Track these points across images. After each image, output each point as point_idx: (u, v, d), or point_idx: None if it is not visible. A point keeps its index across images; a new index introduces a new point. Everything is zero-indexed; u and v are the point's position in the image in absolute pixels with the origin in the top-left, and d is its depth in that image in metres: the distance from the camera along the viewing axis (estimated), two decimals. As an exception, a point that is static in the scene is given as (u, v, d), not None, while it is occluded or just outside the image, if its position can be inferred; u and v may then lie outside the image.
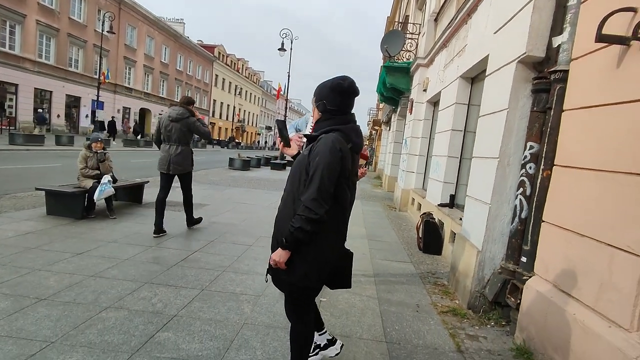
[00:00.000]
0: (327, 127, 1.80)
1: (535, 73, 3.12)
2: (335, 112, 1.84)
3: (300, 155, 1.87)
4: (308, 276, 1.76)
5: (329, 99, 1.84)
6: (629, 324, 1.91)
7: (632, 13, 2.08)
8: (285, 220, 1.77)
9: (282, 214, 1.83)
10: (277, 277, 1.84)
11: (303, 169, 1.75)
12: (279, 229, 1.82)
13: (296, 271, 1.75)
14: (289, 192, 1.81)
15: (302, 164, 1.76)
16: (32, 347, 2.21)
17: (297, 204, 1.72)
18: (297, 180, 1.77)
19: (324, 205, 1.65)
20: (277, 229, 1.85)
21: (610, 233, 2.09)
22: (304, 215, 1.64)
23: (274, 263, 1.74)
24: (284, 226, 1.75)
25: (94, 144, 5.61)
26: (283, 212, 1.82)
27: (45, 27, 24.11)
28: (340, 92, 1.83)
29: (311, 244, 1.70)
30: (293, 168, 1.85)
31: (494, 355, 2.67)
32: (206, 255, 4.24)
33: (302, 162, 1.77)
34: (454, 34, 6.33)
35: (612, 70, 2.21)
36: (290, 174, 1.84)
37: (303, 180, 1.74)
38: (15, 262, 3.47)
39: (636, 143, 1.98)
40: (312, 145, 1.78)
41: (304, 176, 1.73)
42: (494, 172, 3.28)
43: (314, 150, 1.73)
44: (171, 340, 2.43)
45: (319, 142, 1.73)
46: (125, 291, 3.09)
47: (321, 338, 2.28)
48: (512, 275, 3.10)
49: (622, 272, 1.97)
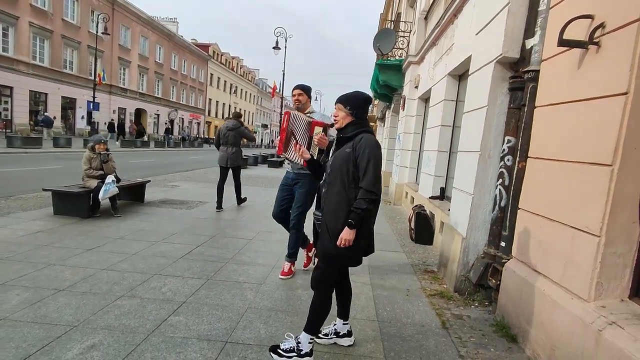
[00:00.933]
0: (359, 129, 2.28)
1: (511, 72, 3.38)
2: (362, 118, 2.34)
3: (341, 153, 2.25)
4: (362, 245, 2.23)
5: (363, 109, 2.33)
6: (587, 295, 2.17)
7: (589, 20, 2.33)
8: (341, 205, 2.18)
9: (336, 201, 2.21)
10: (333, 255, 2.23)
11: (350, 163, 2.19)
12: (335, 214, 2.20)
13: (358, 244, 2.19)
14: (338, 184, 2.21)
15: (348, 159, 2.20)
16: (57, 330, 2.45)
17: (350, 191, 2.18)
18: (345, 173, 2.19)
19: (379, 187, 2.17)
20: (333, 215, 2.21)
21: (572, 216, 2.36)
22: (367, 198, 2.11)
23: (346, 242, 2.12)
24: (341, 211, 2.17)
25: (97, 145, 5.82)
26: (338, 200, 2.20)
27: (39, 28, 24.13)
28: (369, 103, 2.40)
29: (367, 220, 2.20)
30: (336, 164, 2.24)
31: (476, 330, 2.94)
32: (209, 249, 4.48)
33: (347, 158, 2.20)
34: (442, 33, 6.57)
35: (574, 71, 2.46)
36: (334, 169, 2.25)
37: (351, 172, 2.18)
38: (30, 258, 3.70)
39: (593, 136, 2.24)
40: (352, 143, 2.23)
41: (352, 168, 2.18)
42: (476, 164, 3.54)
43: (357, 147, 2.20)
44: (182, 322, 2.68)
45: (363, 140, 2.21)
46: (136, 282, 3.34)
47: (343, 327, 2.55)
48: (493, 259, 3.37)
49: (582, 250, 2.24)
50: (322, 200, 2.35)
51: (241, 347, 2.43)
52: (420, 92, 8.46)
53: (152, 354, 2.27)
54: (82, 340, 2.35)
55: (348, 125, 2.32)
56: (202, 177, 11.96)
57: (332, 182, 2.25)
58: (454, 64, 5.56)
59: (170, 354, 2.28)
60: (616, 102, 2.07)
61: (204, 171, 14.13)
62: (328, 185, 2.28)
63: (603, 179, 2.11)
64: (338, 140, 2.37)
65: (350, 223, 2.12)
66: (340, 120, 2.33)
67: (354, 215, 2.12)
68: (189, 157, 22.86)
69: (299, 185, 3.75)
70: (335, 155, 2.31)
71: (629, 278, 2.13)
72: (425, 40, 7.99)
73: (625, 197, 2.06)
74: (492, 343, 2.76)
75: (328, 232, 2.22)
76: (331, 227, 2.21)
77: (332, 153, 2.40)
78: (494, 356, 2.58)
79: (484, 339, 2.82)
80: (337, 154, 2.29)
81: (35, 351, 2.20)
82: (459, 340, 2.76)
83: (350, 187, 2.19)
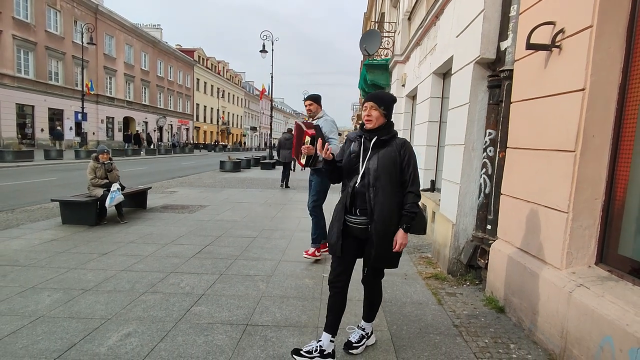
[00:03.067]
0: (392, 132, 2.30)
1: (489, 72, 3.73)
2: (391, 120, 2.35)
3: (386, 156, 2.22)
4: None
5: (391, 110, 2.32)
6: (559, 264, 2.52)
7: (552, 25, 2.68)
8: (394, 210, 2.22)
9: (389, 206, 2.21)
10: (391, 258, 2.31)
11: (397, 167, 2.22)
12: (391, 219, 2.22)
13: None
14: (388, 187, 2.20)
15: (395, 164, 2.22)
16: (93, 323, 2.72)
17: (399, 195, 2.23)
18: (393, 176, 2.22)
19: None
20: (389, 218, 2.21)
21: (545, 197, 2.70)
22: (416, 202, 2.23)
23: (403, 246, 2.23)
24: (394, 216, 2.22)
25: (101, 155, 6.04)
26: (390, 202, 2.21)
27: (22, 41, 23.96)
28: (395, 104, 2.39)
29: None
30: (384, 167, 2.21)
31: (468, 305, 3.28)
32: (217, 248, 4.76)
33: (394, 162, 2.22)
34: (425, 34, 6.92)
35: (541, 70, 2.81)
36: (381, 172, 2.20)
37: (397, 176, 2.23)
38: (51, 264, 3.93)
39: (559, 127, 2.58)
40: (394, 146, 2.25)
41: (398, 173, 2.23)
42: (461, 156, 3.89)
43: (402, 151, 2.24)
44: (205, 311, 2.96)
45: (406, 145, 2.27)
46: (155, 280, 3.60)
47: (369, 326, 2.57)
48: (481, 242, 3.72)
49: (554, 226, 2.58)
50: (369, 204, 2.22)
51: (261, 328, 2.72)
52: (407, 90, 8.81)
53: (183, 337, 2.55)
54: (118, 330, 2.62)
55: (383, 126, 2.28)
56: (198, 182, 12.17)
57: (382, 186, 2.20)
58: (437, 63, 5.91)
59: (199, 336, 2.57)
60: (575, 97, 2.42)
61: (198, 176, 14.33)
62: (376, 190, 2.20)
63: (568, 163, 2.46)
64: (377, 141, 2.26)
65: (406, 227, 2.21)
66: (374, 120, 2.26)
67: (409, 219, 2.20)
68: (181, 163, 22.96)
69: (313, 178, 4.38)
70: (380, 158, 2.23)
71: (594, 247, 2.48)
72: (410, 40, 8.34)
73: (586, 177, 2.41)
74: (483, 314, 3.10)
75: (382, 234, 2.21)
76: (390, 231, 2.22)
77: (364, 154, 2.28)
78: (484, 324, 2.92)
79: (475, 311, 3.16)
80: (382, 157, 2.23)
81: (78, 340, 2.47)
82: (453, 314, 3.09)
83: (398, 190, 2.23)
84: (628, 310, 1.93)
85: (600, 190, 2.43)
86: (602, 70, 2.35)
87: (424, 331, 2.78)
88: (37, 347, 2.38)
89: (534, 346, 2.59)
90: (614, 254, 2.38)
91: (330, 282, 2.40)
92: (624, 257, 2.31)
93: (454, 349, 2.54)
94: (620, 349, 1.89)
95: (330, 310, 2.37)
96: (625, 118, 2.34)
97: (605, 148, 2.40)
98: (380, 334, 2.72)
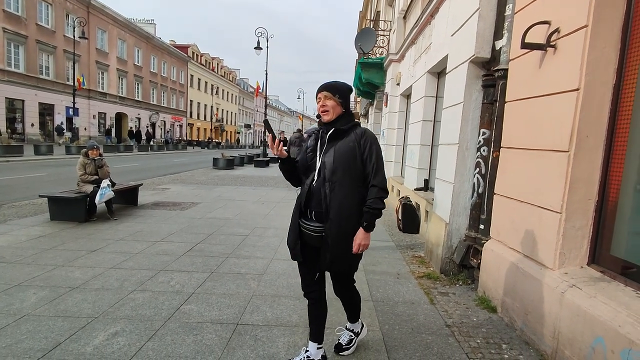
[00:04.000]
0: (351, 122, 2.08)
1: (484, 71, 3.71)
2: (350, 109, 2.14)
3: (343, 148, 2.01)
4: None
5: (348, 98, 2.12)
6: (552, 264, 2.51)
7: (547, 25, 2.67)
8: (354, 208, 1.99)
9: (346, 201, 1.99)
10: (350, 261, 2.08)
11: (356, 159, 2.00)
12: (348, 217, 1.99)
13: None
14: (347, 181, 1.99)
15: (354, 155, 2.00)
16: (80, 322, 2.66)
17: (360, 190, 2.01)
18: (353, 170, 2.00)
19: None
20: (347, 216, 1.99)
21: (539, 197, 2.69)
22: (380, 197, 1.98)
23: (364, 247, 1.99)
24: (354, 214, 1.99)
25: (91, 151, 5.94)
26: (349, 199, 1.99)
27: (13, 34, 23.54)
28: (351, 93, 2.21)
29: None
30: (341, 160, 2.00)
31: (460, 304, 3.27)
32: (209, 246, 4.70)
33: (353, 154, 2.00)
34: (420, 33, 6.91)
35: (536, 70, 2.80)
36: (338, 166, 1.99)
37: (359, 169, 2.01)
38: (38, 261, 3.85)
39: (553, 127, 2.57)
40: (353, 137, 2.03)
41: (359, 165, 2.01)
42: (455, 156, 3.87)
43: (361, 141, 2.01)
44: (194, 310, 2.92)
45: (367, 135, 2.04)
46: (144, 278, 3.54)
47: (356, 325, 2.46)
48: (474, 241, 3.71)
49: (547, 226, 2.58)
50: (324, 202, 2.00)
51: (251, 327, 2.68)
52: (402, 89, 8.80)
53: (171, 336, 2.50)
54: (105, 329, 2.56)
55: (341, 116, 2.07)
56: (191, 179, 12.06)
57: (339, 180, 1.99)
58: (432, 62, 5.90)
59: (188, 335, 2.52)
60: (570, 97, 2.41)
61: (191, 173, 14.21)
62: (332, 185, 1.99)
63: (561, 163, 2.45)
64: (334, 132, 2.06)
65: (367, 226, 1.98)
66: (330, 110, 2.05)
67: (370, 216, 1.97)
68: (173, 160, 22.76)
69: None
70: (337, 150, 2.02)
71: (587, 247, 2.48)
72: (405, 39, 8.33)
73: (580, 178, 2.41)
74: (475, 314, 3.09)
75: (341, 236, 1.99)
76: (348, 231, 2.00)
77: (321, 149, 2.07)
78: (476, 324, 2.91)
79: (467, 311, 3.15)
80: (339, 149, 2.02)
81: (64, 340, 2.41)
82: (446, 313, 3.08)
83: (360, 186, 2.02)
84: (620, 311, 1.93)
85: (593, 191, 2.42)
86: (596, 71, 2.34)
87: (416, 331, 2.76)
88: (21, 346, 2.32)
89: (526, 346, 2.59)
90: (606, 255, 2.38)
91: (304, 293, 2.22)
92: (616, 258, 2.30)
93: (446, 349, 2.52)
94: (612, 350, 1.88)
95: (312, 321, 2.23)
96: (619, 119, 2.34)
97: (599, 148, 2.40)
98: (372, 333, 2.69)
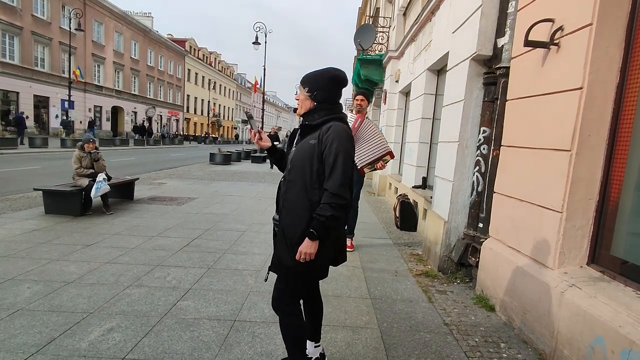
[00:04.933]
0: (325, 116, 1.83)
1: (485, 69, 3.69)
2: (331, 102, 1.87)
3: (304, 144, 1.82)
4: (325, 256, 1.82)
5: (328, 90, 1.85)
6: (552, 264, 2.51)
7: (550, 23, 2.64)
8: (300, 211, 1.77)
9: (294, 205, 1.79)
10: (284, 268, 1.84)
11: (314, 158, 1.76)
12: (293, 221, 1.79)
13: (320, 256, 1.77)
14: (299, 182, 1.79)
15: (312, 153, 1.76)
16: (74, 317, 2.62)
17: (313, 193, 1.75)
18: (308, 169, 1.77)
19: (348, 190, 1.73)
20: (290, 221, 1.81)
21: (540, 196, 2.68)
22: (333, 203, 1.68)
23: (306, 256, 1.72)
24: (299, 217, 1.76)
25: (87, 144, 5.87)
26: (296, 203, 1.79)
27: (8, 25, 23.26)
28: (339, 84, 1.88)
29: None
30: (298, 158, 1.82)
31: (458, 303, 3.26)
32: (206, 242, 4.67)
33: (311, 152, 1.77)
34: (420, 30, 6.88)
35: (539, 68, 2.78)
36: (295, 164, 1.82)
37: (315, 169, 1.75)
38: (32, 255, 3.80)
39: (555, 126, 2.56)
40: (318, 133, 1.79)
41: (317, 165, 1.75)
42: (455, 153, 3.85)
43: (324, 138, 1.75)
44: (191, 306, 2.89)
45: (331, 130, 1.76)
46: (140, 273, 3.50)
47: (315, 351, 2.13)
48: (473, 240, 3.70)
49: (547, 225, 2.57)
50: (281, 202, 1.88)
51: (249, 324, 2.66)
52: (401, 86, 8.77)
53: (168, 333, 2.48)
54: (100, 325, 2.53)
55: (312, 110, 1.87)
56: (187, 174, 11.99)
57: (293, 180, 1.81)
58: (432, 59, 5.87)
59: (185, 332, 2.50)
60: (573, 96, 2.39)
61: (187, 168, 14.13)
62: (288, 184, 1.83)
63: (563, 162, 2.43)
64: (301, 128, 1.92)
65: (311, 233, 1.70)
66: (300, 104, 1.90)
67: (317, 223, 1.69)
68: (170, 154, 22.64)
69: None
70: (298, 147, 1.86)
71: (587, 247, 2.47)
72: (405, 35, 8.29)
73: (581, 177, 2.39)
74: (473, 312, 3.08)
75: (286, 242, 1.81)
76: (289, 236, 1.79)
77: (295, 144, 1.93)
78: (474, 323, 2.90)
79: (465, 309, 3.14)
80: (300, 146, 1.85)
81: (58, 335, 2.37)
82: (444, 311, 3.07)
83: (313, 187, 1.76)
84: (620, 311, 1.92)
85: (594, 191, 2.41)
86: (600, 70, 2.33)
87: (414, 329, 2.75)
88: (15, 341, 2.28)
89: (524, 345, 2.58)
90: (606, 255, 2.37)
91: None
92: (616, 258, 2.30)
93: (445, 348, 2.51)
94: (612, 350, 1.87)
95: (307, 320, 2.09)
96: (621, 118, 2.33)
97: (601, 148, 2.38)
98: (371, 331, 2.68)
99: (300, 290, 1.93)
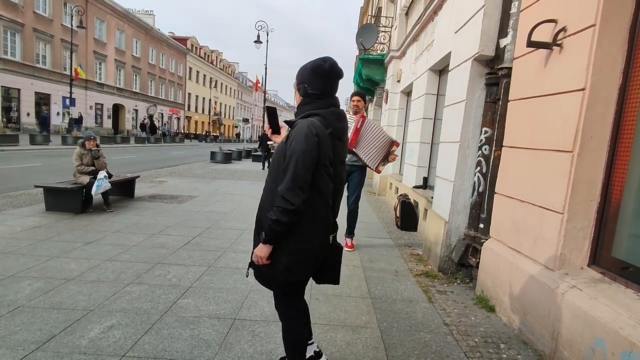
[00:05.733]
0: (306, 111, 1.73)
1: (487, 69, 3.68)
2: (317, 96, 1.74)
3: (281, 142, 1.73)
4: (291, 269, 1.69)
5: (309, 82, 1.73)
6: (553, 265, 2.50)
7: (553, 24, 2.64)
8: (267, 211, 1.68)
9: (264, 205, 1.75)
10: (259, 271, 1.78)
11: (282, 157, 1.65)
12: (260, 222, 1.74)
13: (278, 265, 1.67)
14: (271, 182, 1.72)
15: (282, 152, 1.67)
16: (75, 314, 2.62)
17: (276, 194, 1.63)
18: (275, 169, 1.69)
19: (300, 194, 1.57)
20: (258, 221, 1.77)
21: (540, 197, 2.68)
22: (280, 207, 1.57)
23: (258, 259, 1.66)
24: (265, 218, 1.66)
25: (87, 142, 5.87)
26: (265, 203, 1.74)
27: (9, 22, 23.24)
28: (321, 74, 1.72)
29: (291, 235, 1.64)
30: (274, 157, 1.74)
31: (458, 303, 3.26)
32: (206, 240, 4.67)
33: (281, 150, 1.68)
34: (422, 30, 6.87)
35: (541, 69, 2.78)
36: (272, 163, 1.76)
37: (282, 169, 1.64)
38: (33, 252, 3.81)
39: (557, 127, 2.55)
40: (289, 132, 1.69)
41: (281, 164, 1.65)
42: (456, 154, 3.85)
43: (291, 136, 1.64)
44: (191, 304, 2.89)
45: (295, 128, 1.64)
46: (141, 270, 3.51)
47: (309, 349, 2.07)
48: (473, 240, 3.70)
49: (548, 226, 2.56)
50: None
51: (249, 322, 2.66)
52: (403, 86, 8.77)
53: (168, 330, 2.48)
54: (100, 322, 2.53)
55: (299, 105, 1.79)
56: (188, 173, 12.00)
57: (268, 180, 1.76)
58: (434, 59, 5.87)
59: (185, 330, 2.50)
60: (575, 97, 2.38)
61: (188, 166, 14.14)
62: (265, 184, 1.79)
63: (565, 163, 2.43)
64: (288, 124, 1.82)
65: (263, 238, 1.63)
66: (297, 101, 1.83)
67: (267, 226, 1.62)
68: (171, 152, 22.65)
69: (352, 176, 4.50)
70: (277, 147, 1.79)
71: (588, 248, 2.47)
72: (407, 35, 8.28)
73: (583, 178, 2.39)
74: (473, 313, 3.08)
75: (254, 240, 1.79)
76: (254, 235, 1.78)
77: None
78: (474, 323, 2.90)
79: (465, 310, 3.14)
80: (278, 146, 1.77)
81: (59, 332, 2.38)
82: (444, 312, 3.07)
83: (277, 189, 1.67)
84: (621, 313, 1.92)
85: (596, 192, 2.41)
86: (603, 71, 2.32)
87: (414, 329, 2.75)
88: (15, 337, 2.28)
89: (524, 346, 2.58)
90: (607, 256, 2.37)
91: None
92: (617, 260, 2.29)
93: (445, 348, 2.51)
94: (613, 352, 1.87)
95: None
96: (624, 120, 2.32)
97: (603, 149, 2.38)
98: (371, 331, 2.68)
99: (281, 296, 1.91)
